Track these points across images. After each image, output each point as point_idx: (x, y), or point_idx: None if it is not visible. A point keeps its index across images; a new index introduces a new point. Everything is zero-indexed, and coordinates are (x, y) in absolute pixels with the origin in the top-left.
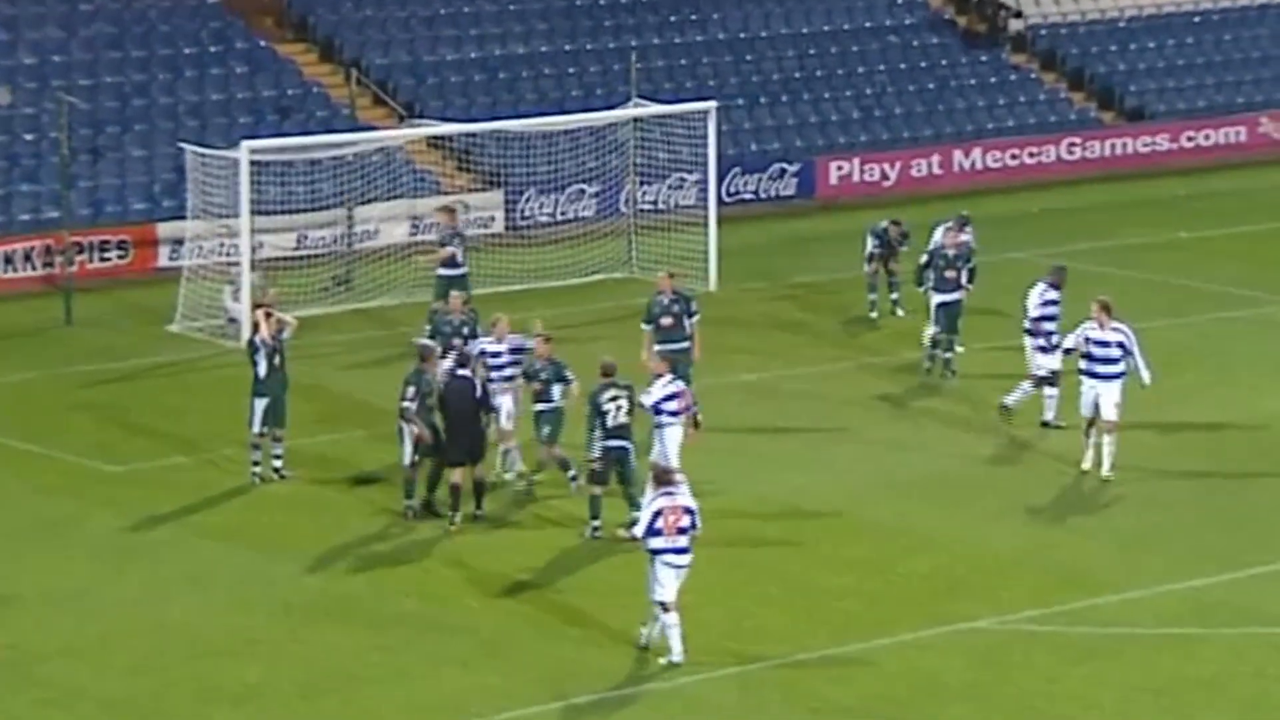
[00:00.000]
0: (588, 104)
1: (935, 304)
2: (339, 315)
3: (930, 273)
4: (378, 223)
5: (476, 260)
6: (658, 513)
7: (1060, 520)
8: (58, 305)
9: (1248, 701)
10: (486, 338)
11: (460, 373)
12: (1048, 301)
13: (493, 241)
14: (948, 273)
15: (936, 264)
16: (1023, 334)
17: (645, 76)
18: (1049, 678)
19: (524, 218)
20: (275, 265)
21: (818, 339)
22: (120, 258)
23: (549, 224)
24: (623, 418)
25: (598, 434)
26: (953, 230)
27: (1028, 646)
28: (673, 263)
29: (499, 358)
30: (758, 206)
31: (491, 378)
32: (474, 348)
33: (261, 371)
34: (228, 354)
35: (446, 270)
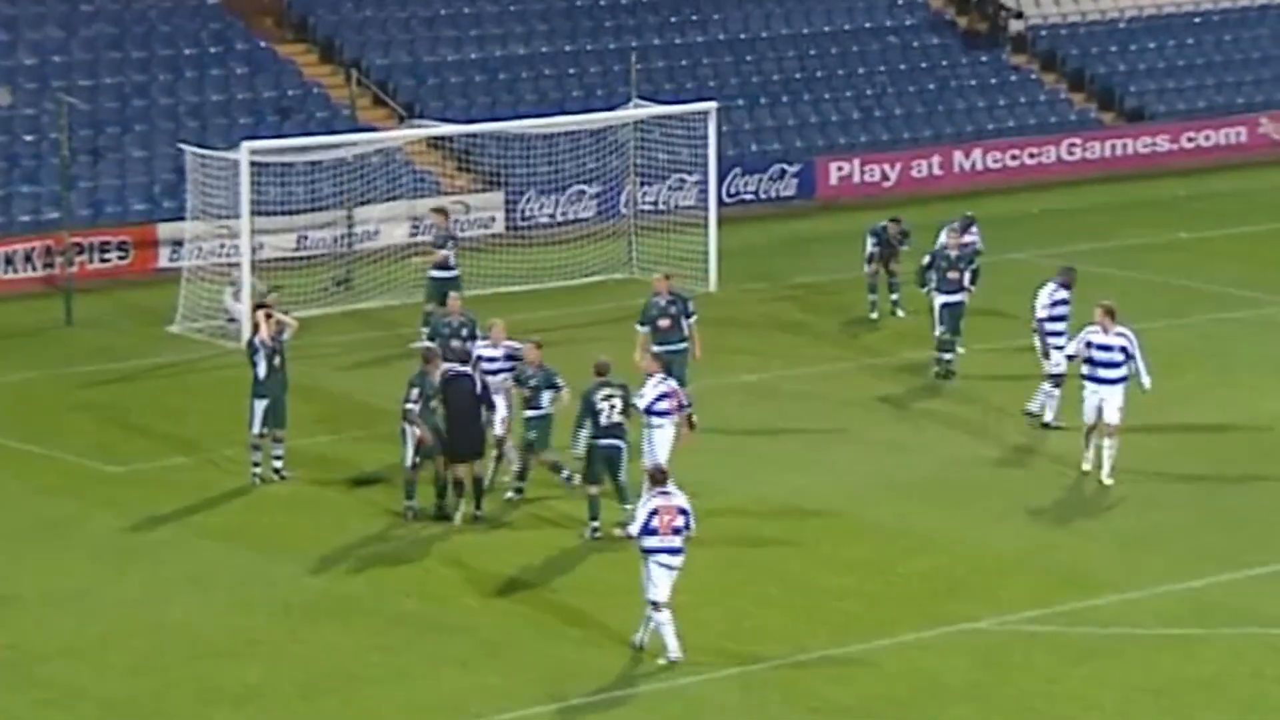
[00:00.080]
0: (588, 105)
1: (939, 305)
2: (339, 316)
3: (933, 274)
4: (378, 223)
5: (477, 261)
6: (653, 512)
7: (1060, 521)
8: (58, 306)
9: (1247, 702)
10: (483, 341)
11: (460, 369)
12: (1057, 302)
13: (493, 242)
14: (950, 274)
15: (939, 265)
16: (1031, 334)
17: (645, 77)
18: (1049, 678)
19: (524, 218)
20: (275, 266)
21: (818, 340)
22: (120, 258)
23: (549, 225)
24: (616, 417)
25: (586, 431)
26: (956, 231)
27: (1028, 647)
28: (673, 263)
29: (494, 362)
30: (758, 207)
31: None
32: (472, 350)
33: (261, 372)
34: (228, 355)
35: (439, 272)
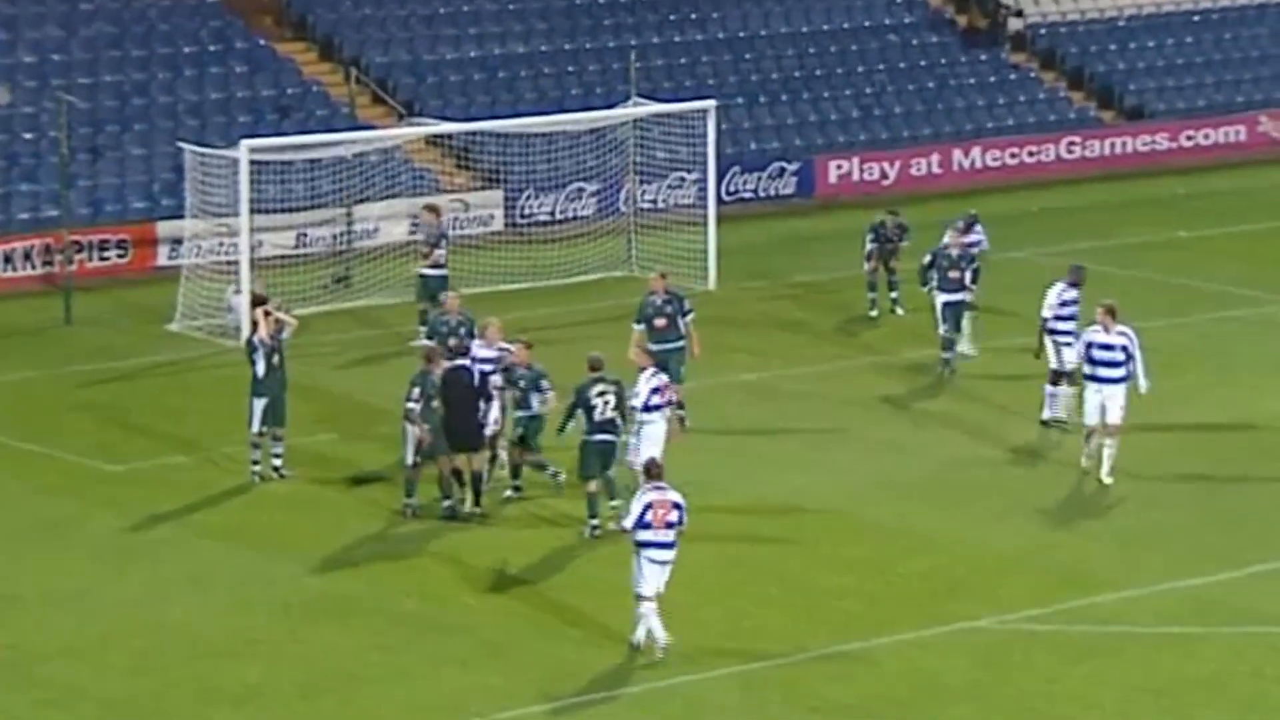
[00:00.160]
0: (587, 103)
1: (941, 304)
2: (338, 314)
3: (934, 273)
4: (377, 221)
5: (476, 259)
6: (648, 505)
7: (1060, 520)
8: (57, 305)
9: (1246, 701)
10: (478, 341)
11: (458, 362)
12: (1065, 301)
13: (492, 240)
14: (951, 273)
15: (940, 264)
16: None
17: (645, 76)
18: (1049, 677)
19: (523, 216)
20: (274, 264)
21: (817, 338)
22: (120, 257)
23: (548, 223)
24: (610, 413)
25: (574, 422)
26: (959, 230)
27: (1028, 646)
28: (672, 262)
29: (488, 363)
30: (757, 205)
31: None
32: (470, 348)
33: (260, 371)
34: (227, 353)
35: (430, 270)
